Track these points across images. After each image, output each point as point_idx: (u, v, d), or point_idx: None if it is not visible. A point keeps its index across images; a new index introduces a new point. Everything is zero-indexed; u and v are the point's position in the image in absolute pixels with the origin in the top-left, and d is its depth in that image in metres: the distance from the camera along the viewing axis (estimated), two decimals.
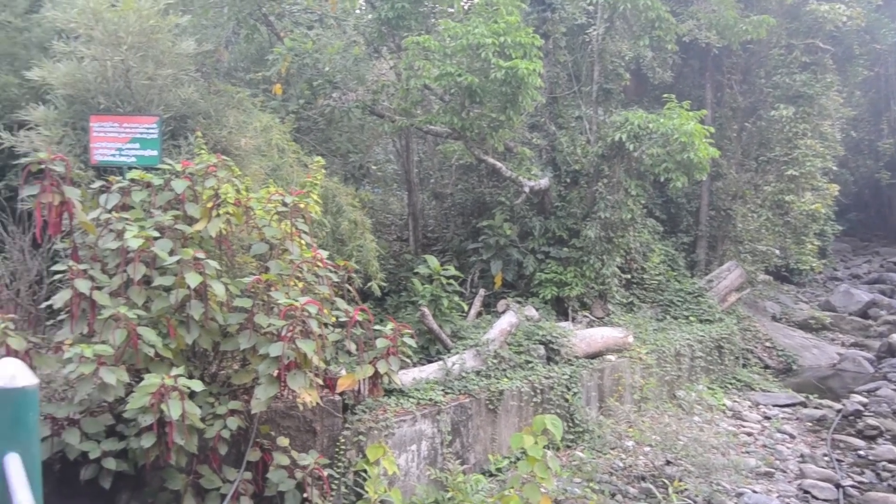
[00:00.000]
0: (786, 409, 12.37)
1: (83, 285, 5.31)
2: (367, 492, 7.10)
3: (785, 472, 9.70)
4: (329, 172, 8.39)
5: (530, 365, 9.71)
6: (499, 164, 11.48)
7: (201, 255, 5.49)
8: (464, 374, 8.95)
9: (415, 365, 8.65)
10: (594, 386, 10.47)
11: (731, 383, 13.34)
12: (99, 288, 5.49)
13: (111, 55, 7.20)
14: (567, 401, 9.78)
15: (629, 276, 13.50)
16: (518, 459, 8.77)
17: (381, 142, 14.65)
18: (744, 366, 14.18)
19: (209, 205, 5.96)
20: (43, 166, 5.66)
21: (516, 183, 11.68)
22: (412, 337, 6.65)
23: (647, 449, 9.58)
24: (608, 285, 12.41)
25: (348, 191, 9.27)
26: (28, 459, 2.84)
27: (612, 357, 10.94)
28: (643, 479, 9.07)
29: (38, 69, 7.29)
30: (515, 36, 9.97)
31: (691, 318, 13.34)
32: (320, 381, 5.93)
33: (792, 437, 11.13)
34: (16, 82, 8.38)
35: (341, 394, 7.01)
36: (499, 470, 8.84)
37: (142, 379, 5.44)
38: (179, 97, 7.59)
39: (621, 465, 9.35)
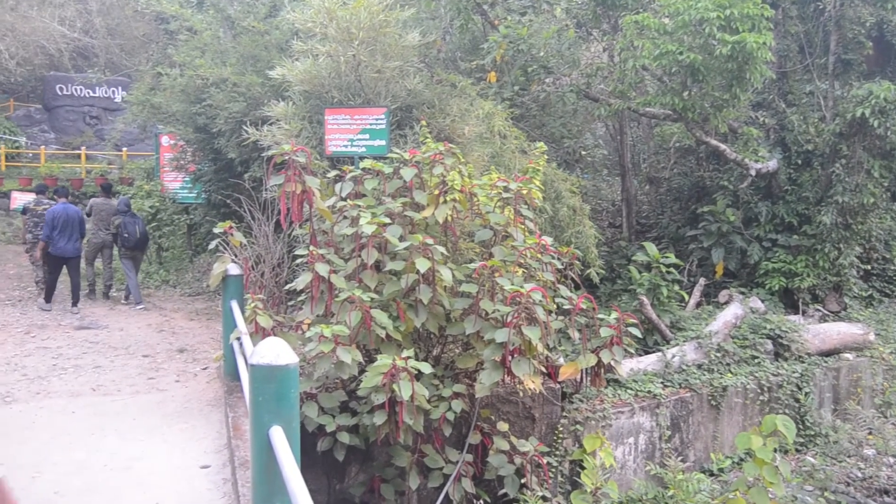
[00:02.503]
0: None
1: (322, 269, 5.63)
2: (583, 482, 7.00)
3: None
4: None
5: (756, 360, 9.09)
6: (722, 146, 10.81)
7: (430, 240, 5.62)
8: (684, 367, 8.57)
9: (632, 355, 8.39)
10: (828, 386, 9.62)
11: None
12: (335, 271, 5.80)
13: (344, 51, 7.59)
14: (798, 401, 9.07)
15: (869, 267, 12.22)
16: (742, 460, 8.28)
17: (590, 126, 14.37)
18: None
19: (436, 192, 6.10)
20: (286, 157, 6.05)
21: (741, 166, 10.95)
22: (637, 327, 6.42)
23: (891, 460, 8.66)
24: (845, 276, 11.32)
25: (566, 176, 9.15)
26: (289, 433, 3.01)
27: (849, 356, 9.99)
28: (886, 492, 8.21)
29: (280, 68, 7.84)
30: (742, 8, 9.30)
31: None
32: (543, 369, 5.88)
33: None
34: (259, 81, 9.09)
35: (560, 381, 6.94)
36: (721, 470, 8.39)
37: (372, 359, 5.70)
38: (405, 88, 7.86)
39: (860, 475, 8.51)
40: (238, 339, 5.99)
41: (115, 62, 26.84)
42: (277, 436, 2.93)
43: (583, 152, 13.95)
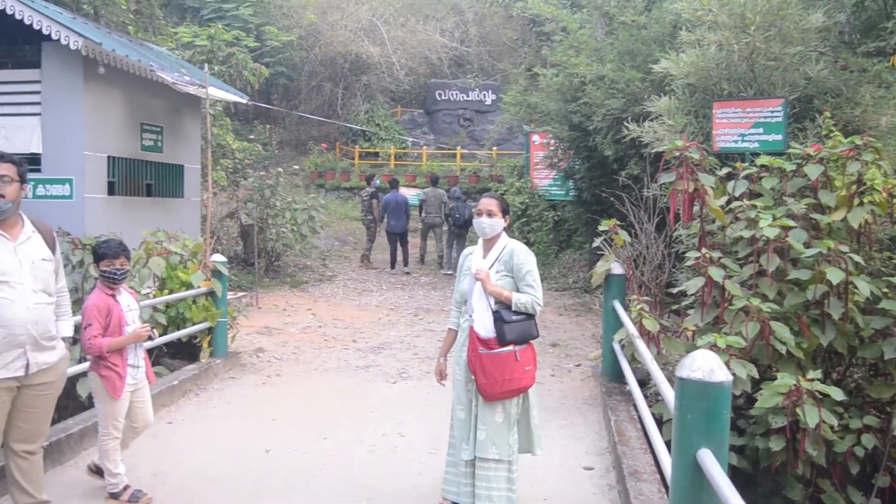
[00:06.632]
0: None
1: (717, 273, 5.23)
2: None
3: None
4: None
5: None
6: None
7: (845, 248, 4.92)
8: None
9: None
10: None
11: None
12: (729, 277, 5.36)
13: (736, 38, 7.04)
14: None
15: None
16: None
17: None
18: None
19: (849, 192, 5.34)
20: (677, 154, 5.74)
21: None
22: None
23: None
24: None
25: None
26: (720, 457, 2.73)
27: None
28: None
29: (664, 61, 7.52)
30: None
31: None
32: None
33: None
34: (638, 77, 8.88)
35: None
36: None
37: (763, 376, 5.17)
38: (804, 75, 7.06)
39: None
40: (620, 341, 5.85)
41: (484, 67, 28.80)
42: (709, 461, 2.67)
43: None
